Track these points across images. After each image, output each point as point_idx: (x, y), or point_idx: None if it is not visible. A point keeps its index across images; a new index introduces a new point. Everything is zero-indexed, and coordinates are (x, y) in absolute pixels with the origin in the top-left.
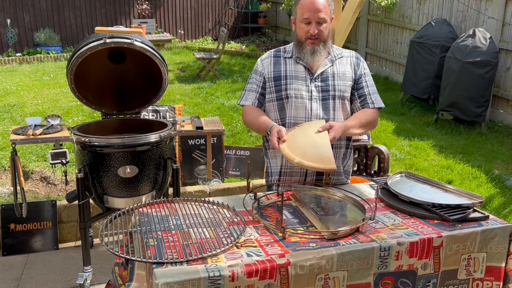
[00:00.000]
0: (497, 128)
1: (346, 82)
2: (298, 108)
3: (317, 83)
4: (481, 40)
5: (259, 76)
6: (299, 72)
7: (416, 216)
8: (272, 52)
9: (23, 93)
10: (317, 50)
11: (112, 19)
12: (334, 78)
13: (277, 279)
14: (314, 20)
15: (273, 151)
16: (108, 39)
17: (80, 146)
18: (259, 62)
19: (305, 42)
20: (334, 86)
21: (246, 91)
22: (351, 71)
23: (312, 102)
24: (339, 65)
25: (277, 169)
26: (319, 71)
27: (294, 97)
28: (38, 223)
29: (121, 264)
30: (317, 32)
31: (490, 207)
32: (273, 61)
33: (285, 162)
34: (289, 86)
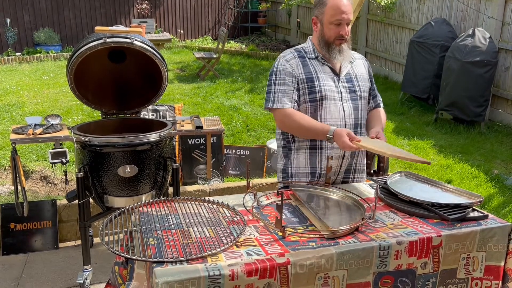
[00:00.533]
0: (497, 128)
1: (366, 83)
2: (332, 110)
3: (344, 84)
4: (481, 40)
5: (292, 78)
6: (327, 73)
7: (415, 215)
8: (295, 53)
9: (23, 92)
10: (344, 49)
11: (111, 18)
12: (357, 79)
13: (276, 278)
14: (345, 22)
15: (298, 152)
16: (108, 39)
17: (80, 146)
18: (285, 63)
19: (334, 43)
20: (360, 87)
21: (277, 93)
22: (366, 73)
23: (343, 103)
24: (357, 67)
25: (298, 170)
26: (344, 71)
27: (329, 99)
28: (38, 222)
29: (121, 263)
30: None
31: (490, 206)
32: (300, 62)
33: (309, 164)
34: (323, 88)
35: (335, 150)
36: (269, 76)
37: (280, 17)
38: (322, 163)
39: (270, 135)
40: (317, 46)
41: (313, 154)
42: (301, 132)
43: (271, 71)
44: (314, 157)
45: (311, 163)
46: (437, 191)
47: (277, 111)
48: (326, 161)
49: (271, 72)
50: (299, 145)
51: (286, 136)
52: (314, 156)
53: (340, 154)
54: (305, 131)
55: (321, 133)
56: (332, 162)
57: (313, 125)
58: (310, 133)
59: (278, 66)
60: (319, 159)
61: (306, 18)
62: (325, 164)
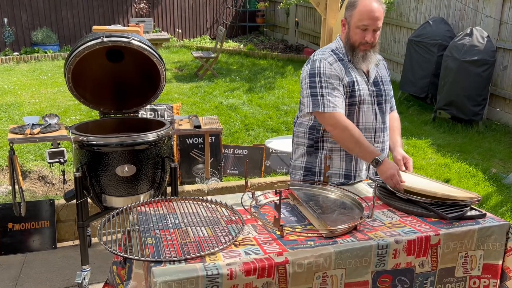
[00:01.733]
0: (495, 127)
1: (389, 86)
2: (368, 114)
3: (372, 88)
4: (479, 39)
5: (339, 81)
6: (361, 77)
7: (413, 214)
8: (334, 56)
9: (20, 92)
10: (369, 56)
11: (109, 18)
12: (383, 83)
13: (275, 277)
14: (371, 28)
15: (331, 152)
16: (106, 38)
17: (78, 145)
18: (329, 65)
19: (358, 48)
20: (386, 91)
21: (327, 97)
22: (388, 76)
23: (375, 107)
24: (381, 69)
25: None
26: (372, 75)
27: (366, 103)
28: (36, 222)
29: (119, 263)
30: (372, 40)
31: (488, 205)
32: (341, 65)
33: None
34: (362, 92)
35: None
36: (309, 78)
37: (278, 16)
38: (357, 166)
39: (269, 134)
40: (344, 49)
41: (349, 157)
42: (349, 146)
43: (311, 73)
44: (349, 160)
45: (346, 165)
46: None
47: (327, 115)
48: (325, 160)
49: (311, 74)
50: (332, 147)
51: (315, 136)
52: (350, 159)
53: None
54: (357, 148)
55: (370, 156)
56: (362, 164)
57: (365, 144)
58: (357, 149)
59: (321, 68)
60: (354, 161)
61: (304, 17)
62: (359, 167)
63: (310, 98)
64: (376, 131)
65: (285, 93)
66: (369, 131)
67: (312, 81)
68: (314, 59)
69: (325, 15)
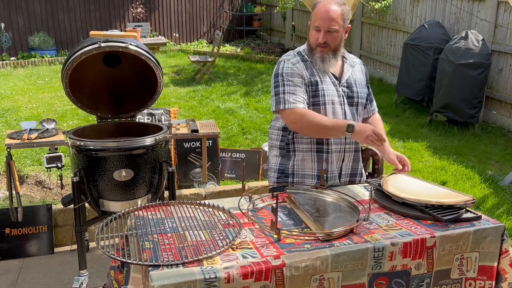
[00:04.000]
0: (491, 129)
1: (364, 89)
2: (335, 114)
3: (344, 89)
4: (474, 42)
5: (301, 79)
6: (328, 77)
7: (409, 216)
8: (298, 56)
9: (17, 97)
10: (326, 58)
11: (106, 22)
12: (356, 85)
13: (272, 281)
14: (324, 29)
15: (302, 153)
16: (103, 43)
17: (76, 150)
18: (292, 65)
19: (315, 49)
20: (358, 93)
21: (287, 94)
22: (364, 79)
23: (345, 107)
24: (356, 72)
25: (303, 171)
26: (345, 76)
27: (332, 103)
28: (33, 227)
29: (116, 268)
30: (325, 41)
31: (484, 207)
32: (304, 65)
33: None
34: (326, 92)
35: (336, 154)
36: (273, 79)
37: (275, 20)
38: (329, 166)
39: (266, 138)
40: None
41: (320, 157)
42: (318, 130)
43: (276, 73)
44: (320, 161)
45: (317, 166)
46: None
47: (288, 111)
48: (321, 164)
49: (275, 75)
50: (303, 148)
51: (286, 138)
52: (320, 159)
53: (339, 157)
54: (324, 129)
55: (340, 129)
56: (333, 165)
57: (331, 121)
58: (331, 131)
59: (284, 68)
60: (325, 162)
61: (300, 21)
62: (331, 168)
63: (274, 97)
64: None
65: None
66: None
67: (276, 81)
68: (279, 61)
69: None
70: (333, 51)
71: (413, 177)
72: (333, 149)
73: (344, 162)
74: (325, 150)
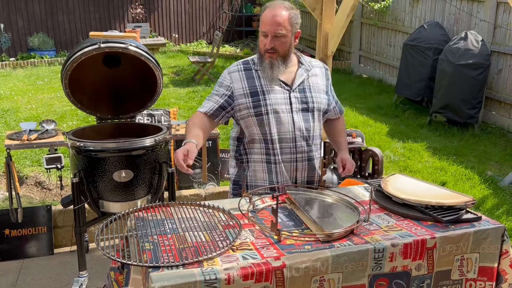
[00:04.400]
0: (490, 130)
1: (321, 94)
2: (280, 123)
3: (296, 94)
4: (473, 43)
5: (225, 90)
6: (274, 86)
7: (409, 217)
8: (241, 65)
9: (17, 98)
10: (275, 64)
11: (106, 23)
12: (311, 90)
13: (272, 282)
14: (270, 34)
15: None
16: (103, 44)
17: (75, 151)
18: (227, 75)
19: (264, 56)
20: (312, 99)
21: (206, 100)
22: (324, 84)
23: (294, 114)
24: (313, 76)
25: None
26: (297, 82)
27: (275, 112)
28: (33, 228)
29: (116, 269)
30: (273, 46)
31: (484, 208)
32: (245, 75)
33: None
34: (268, 101)
35: (287, 164)
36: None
37: None
38: (278, 177)
39: None
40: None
41: (270, 168)
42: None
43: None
44: (270, 171)
45: (269, 177)
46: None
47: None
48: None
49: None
50: (254, 158)
51: (239, 148)
52: (270, 170)
53: (291, 167)
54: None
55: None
56: (285, 176)
57: (189, 130)
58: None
59: (221, 77)
60: (275, 173)
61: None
62: (282, 178)
63: None
64: (296, 140)
65: None
66: (286, 140)
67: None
68: (226, 69)
69: (321, 20)
70: (282, 57)
71: (413, 178)
72: (281, 159)
73: (298, 172)
74: (273, 161)
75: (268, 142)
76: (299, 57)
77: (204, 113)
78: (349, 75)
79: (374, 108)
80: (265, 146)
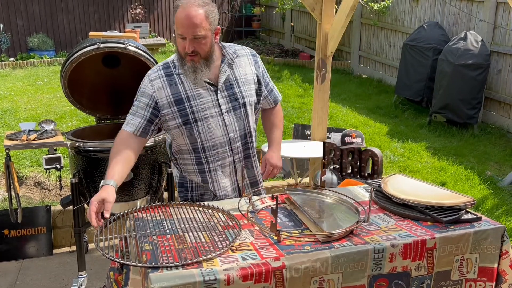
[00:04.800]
0: (490, 130)
1: (251, 85)
2: (211, 129)
3: (224, 93)
4: (473, 43)
5: (148, 100)
6: (200, 88)
7: (409, 218)
8: (162, 71)
9: (16, 98)
10: (198, 67)
11: (105, 23)
12: (238, 84)
13: (272, 282)
14: (188, 37)
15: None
16: (102, 44)
17: (75, 151)
18: (148, 83)
19: (185, 58)
20: (241, 93)
21: (130, 115)
22: (252, 72)
23: (224, 117)
24: (239, 68)
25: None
26: (221, 79)
27: (204, 119)
28: (32, 228)
29: (116, 269)
30: (193, 49)
31: (483, 208)
32: (167, 82)
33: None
34: (194, 108)
35: (225, 169)
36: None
37: (274, 21)
38: (214, 186)
39: (265, 139)
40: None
41: (204, 177)
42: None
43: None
44: (206, 181)
45: (204, 187)
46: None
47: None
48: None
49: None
50: (188, 169)
51: (174, 157)
52: (205, 179)
53: (230, 170)
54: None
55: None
56: (225, 181)
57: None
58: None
59: (142, 85)
60: (210, 182)
61: (300, 22)
62: (218, 186)
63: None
64: (230, 143)
65: (282, 97)
66: (221, 145)
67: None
68: (146, 74)
69: (320, 20)
70: (205, 59)
71: (413, 178)
72: (216, 166)
73: (238, 174)
74: (207, 169)
75: (199, 151)
76: (221, 48)
77: (132, 133)
78: (348, 75)
79: (374, 108)
80: (196, 156)
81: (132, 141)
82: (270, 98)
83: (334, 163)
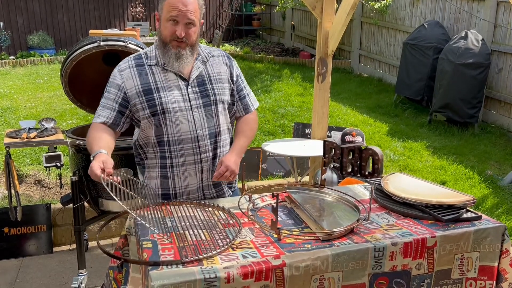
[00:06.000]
0: (490, 129)
1: (224, 84)
2: (179, 123)
3: (195, 89)
4: (473, 42)
5: (117, 90)
6: (171, 81)
7: (410, 216)
8: (133, 61)
9: (16, 96)
10: (183, 55)
11: (106, 21)
12: (211, 81)
13: (272, 280)
14: (182, 21)
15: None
16: (102, 42)
17: (75, 149)
18: (117, 73)
19: (170, 44)
20: (214, 90)
21: (100, 107)
22: (227, 72)
23: (194, 112)
24: (213, 66)
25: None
26: (193, 75)
27: (173, 111)
28: (32, 226)
29: (115, 267)
30: (184, 35)
31: (484, 207)
32: (137, 72)
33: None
34: (163, 99)
35: (190, 167)
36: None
37: (274, 20)
38: (175, 182)
39: (265, 137)
40: (155, 50)
41: (164, 173)
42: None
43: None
44: (165, 177)
45: (162, 183)
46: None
47: (91, 125)
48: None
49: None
50: (149, 163)
51: (138, 152)
52: (165, 175)
53: (196, 169)
54: (88, 147)
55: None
56: (188, 179)
57: (90, 142)
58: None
59: (112, 76)
60: (171, 178)
61: (300, 20)
62: (179, 183)
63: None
64: (198, 140)
65: (282, 96)
66: (187, 141)
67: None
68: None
69: (321, 18)
70: (191, 48)
71: (413, 177)
72: (179, 162)
73: (204, 174)
74: (169, 164)
75: (164, 144)
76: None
77: (103, 123)
78: (349, 74)
79: (374, 107)
80: (160, 149)
81: (105, 129)
82: (240, 105)
83: (335, 161)
